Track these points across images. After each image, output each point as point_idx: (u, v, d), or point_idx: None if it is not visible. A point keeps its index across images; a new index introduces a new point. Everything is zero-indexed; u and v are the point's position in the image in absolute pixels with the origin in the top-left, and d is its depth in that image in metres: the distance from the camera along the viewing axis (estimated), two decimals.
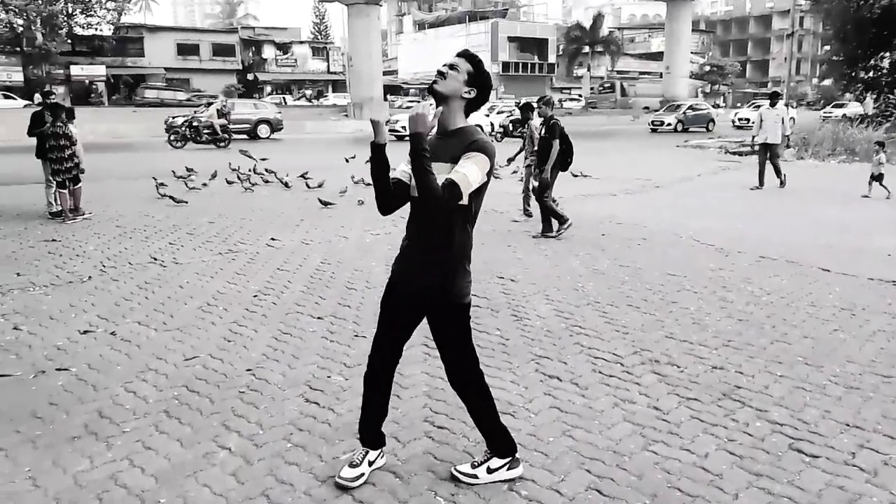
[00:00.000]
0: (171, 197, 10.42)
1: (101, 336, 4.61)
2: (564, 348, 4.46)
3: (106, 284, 5.94)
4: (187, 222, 8.93)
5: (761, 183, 12.52)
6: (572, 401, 3.65)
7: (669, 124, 34.16)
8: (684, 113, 34.76)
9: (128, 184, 12.84)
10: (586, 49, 62.07)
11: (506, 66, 62.85)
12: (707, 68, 73.64)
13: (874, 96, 24.27)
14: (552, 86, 64.65)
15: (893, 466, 3.00)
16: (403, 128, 25.10)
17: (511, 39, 63.46)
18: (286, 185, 12.27)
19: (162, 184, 11.34)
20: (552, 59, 65.09)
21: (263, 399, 3.65)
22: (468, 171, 2.45)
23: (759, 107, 28.66)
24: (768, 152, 12.46)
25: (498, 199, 10.22)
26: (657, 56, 67.55)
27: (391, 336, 2.82)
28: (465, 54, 2.65)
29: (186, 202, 10.28)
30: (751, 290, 5.90)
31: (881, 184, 11.64)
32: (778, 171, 12.57)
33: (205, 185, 12.32)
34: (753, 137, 12.93)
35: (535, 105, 8.64)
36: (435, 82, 2.55)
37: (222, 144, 22.34)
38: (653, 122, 35.37)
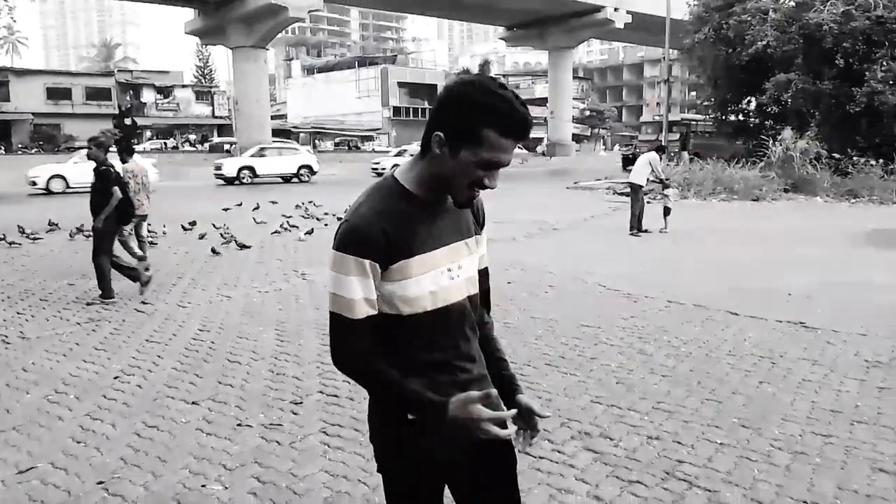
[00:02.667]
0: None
1: None
2: None
3: None
4: (42, 286, 7.80)
5: (638, 226, 12.32)
6: None
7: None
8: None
9: None
10: None
11: (397, 110, 63.30)
12: (587, 113, 77.26)
13: (743, 138, 25.82)
14: None
15: None
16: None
17: (401, 85, 64.17)
18: (151, 243, 10.80)
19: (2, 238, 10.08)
20: None
21: None
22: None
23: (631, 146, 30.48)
24: (636, 193, 12.51)
25: None
26: (541, 101, 70.23)
27: None
28: (528, 132, 1.49)
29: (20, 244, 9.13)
30: (668, 341, 5.62)
31: (665, 218, 12.58)
32: (633, 216, 12.35)
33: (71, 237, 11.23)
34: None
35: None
36: (473, 199, 1.58)
37: None
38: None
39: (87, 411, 4.11)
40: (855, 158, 20.47)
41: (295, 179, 28.61)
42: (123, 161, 8.76)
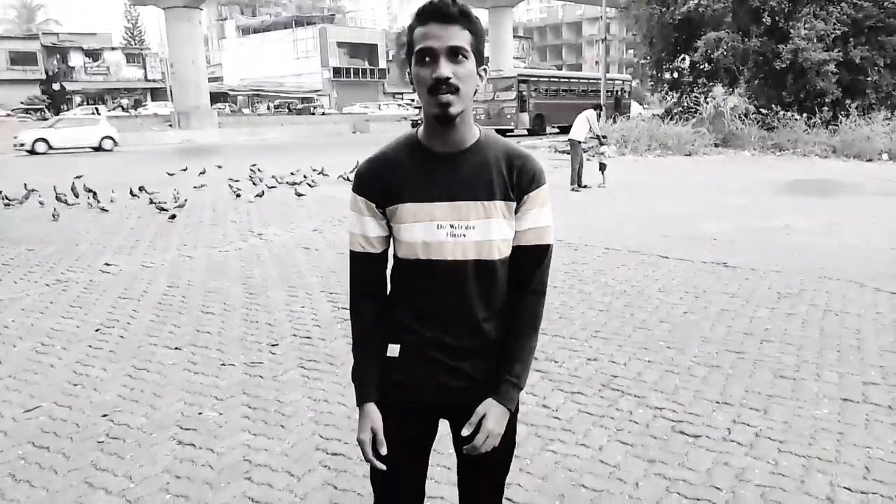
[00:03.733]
0: None
1: None
2: None
3: None
4: (1, 252, 7.89)
5: (578, 181, 12.92)
6: None
7: None
8: None
9: None
10: None
11: (337, 71, 62.33)
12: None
13: (677, 95, 26.73)
14: (384, 91, 65.06)
15: (766, 438, 3.24)
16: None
17: (340, 45, 63.05)
18: (103, 209, 10.97)
19: None
20: (383, 64, 65.45)
21: (128, 447, 3.24)
22: (550, 221, 1.65)
23: None
24: (575, 150, 13.12)
25: None
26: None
27: (412, 475, 1.75)
28: (458, 12, 1.46)
29: None
30: (604, 282, 6.21)
31: (602, 173, 13.29)
32: (573, 171, 12.96)
33: (6, 204, 11.23)
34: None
35: None
36: (448, 104, 1.47)
37: None
38: None
39: (77, 359, 4.42)
40: (781, 113, 21.55)
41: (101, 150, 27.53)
42: None
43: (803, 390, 3.78)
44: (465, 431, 1.58)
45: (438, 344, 1.59)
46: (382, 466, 1.60)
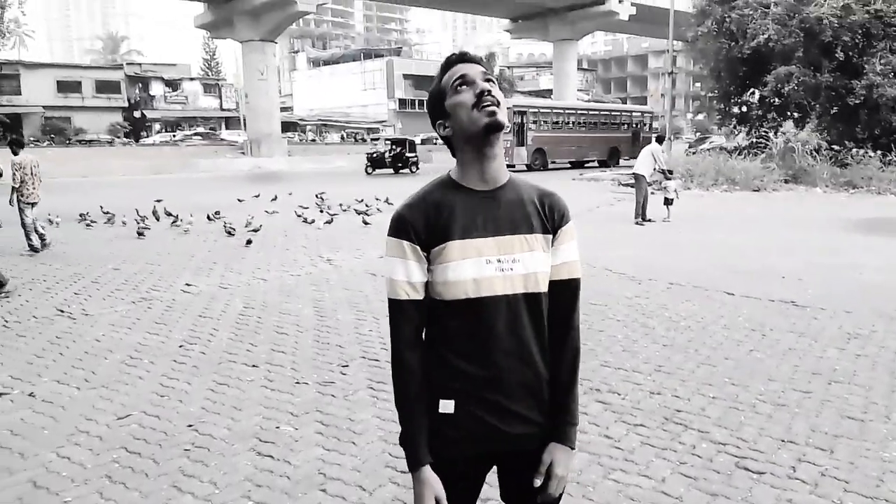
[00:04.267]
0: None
1: (19, 398, 4.26)
2: None
3: (12, 341, 5.50)
4: (89, 270, 8.42)
5: (642, 215, 12.89)
6: None
7: None
8: None
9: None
10: None
11: (402, 102, 63.71)
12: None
13: (746, 129, 26.33)
14: None
15: (831, 477, 3.23)
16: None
17: (406, 77, 64.51)
18: (186, 230, 11.76)
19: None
20: None
21: (212, 456, 3.48)
22: (578, 255, 1.72)
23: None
24: (640, 183, 13.09)
25: None
26: (546, 93, 70.49)
27: None
28: (478, 58, 1.68)
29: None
30: (668, 316, 6.22)
31: (668, 207, 13.20)
32: (637, 205, 12.93)
33: (88, 225, 12.12)
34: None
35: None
36: (495, 112, 1.56)
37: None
38: None
39: (163, 372, 4.73)
40: (854, 150, 20.95)
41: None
42: (14, 154, 9.67)
43: (871, 431, 3.73)
44: (538, 482, 1.60)
45: (496, 384, 1.57)
46: None
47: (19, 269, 8.51)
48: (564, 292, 1.66)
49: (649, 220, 12.92)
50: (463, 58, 1.64)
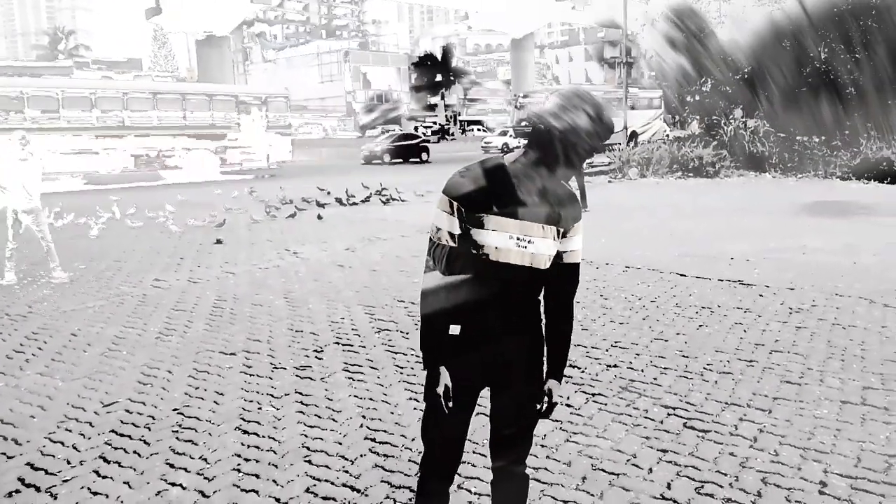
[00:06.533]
0: None
1: (5, 390, 4.39)
2: None
3: None
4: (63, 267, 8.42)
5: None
6: None
7: None
8: None
9: None
10: (439, 78, 64.11)
11: (360, 95, 63.39)
12: None
13: (698, 118, 27.10)
14: (407, 116, 66.03)
15: (769, 433, 3.59)
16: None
17: (364, 69, 64.23)
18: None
19: None
20: (405, 88, 66.56)
21: (200, 435, 3.68)
22: (580, 246, 2.17)
23: None
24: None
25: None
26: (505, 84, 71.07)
27: (460, 434, 2.23)
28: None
29: None
30: (625, 297, 6.58)
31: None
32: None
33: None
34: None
35: None
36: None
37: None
38: None
39: (143, 363, 4.89)
40: (801, 136, 21.74)
41: None
42: None
43: (806, 393, 4.12)
44: (541, 407, 2.18)
45: (498, 319, 2.05)
46: (451, 417, 2.07)
47: None
48: (570, 271, 2.16)
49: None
50: (612, 130, 2.00)
